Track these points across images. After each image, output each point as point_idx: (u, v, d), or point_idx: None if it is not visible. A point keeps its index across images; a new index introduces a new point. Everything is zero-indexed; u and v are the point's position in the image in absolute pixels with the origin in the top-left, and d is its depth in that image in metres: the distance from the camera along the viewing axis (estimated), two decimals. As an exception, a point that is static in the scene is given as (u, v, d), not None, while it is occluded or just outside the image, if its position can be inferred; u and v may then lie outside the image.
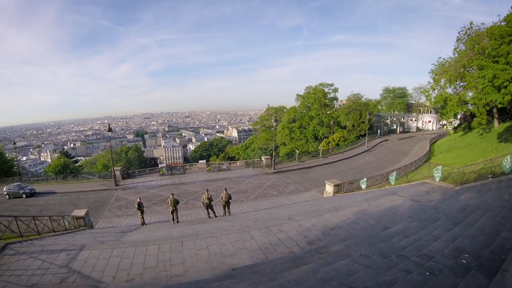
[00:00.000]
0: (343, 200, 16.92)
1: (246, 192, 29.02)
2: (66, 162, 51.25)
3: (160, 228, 16.67)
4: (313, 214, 12.41)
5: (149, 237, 13.08)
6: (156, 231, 14.90)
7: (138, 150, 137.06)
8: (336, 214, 12.22)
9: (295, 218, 11.85)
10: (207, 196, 19.44)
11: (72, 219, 17.32)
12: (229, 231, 11.18)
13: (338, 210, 12.65)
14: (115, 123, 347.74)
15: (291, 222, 11.47)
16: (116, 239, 13.02)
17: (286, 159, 47.15)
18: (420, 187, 17.39)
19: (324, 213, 12.48)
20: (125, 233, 15.04)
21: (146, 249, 9.95)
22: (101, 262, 8.99)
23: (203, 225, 14.96)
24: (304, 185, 30.92)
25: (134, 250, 9.93)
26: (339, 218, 11.74)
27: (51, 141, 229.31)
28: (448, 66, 40.52)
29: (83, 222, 17.54)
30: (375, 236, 9.45)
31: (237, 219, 14.91)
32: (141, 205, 20.09)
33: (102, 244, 11.40)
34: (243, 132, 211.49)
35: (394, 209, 12.90)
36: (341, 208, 13.01)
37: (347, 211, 12.56)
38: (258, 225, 11.43)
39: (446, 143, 48.76)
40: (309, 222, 11.35)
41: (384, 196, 15.34)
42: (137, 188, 33.11)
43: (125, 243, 11.60)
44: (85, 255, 9.59)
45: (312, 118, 73.75)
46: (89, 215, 18.95)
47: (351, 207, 13.25)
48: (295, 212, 14.03)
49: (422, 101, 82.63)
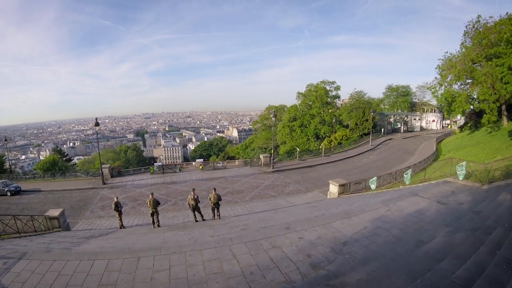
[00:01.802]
0: (352, 203, 14.08)
1: (241, 193, 26.28)
2: (55, 160, 48.80)
3: (133, 234, 13.98)
4: (318, 222, 9.58)
5: (105, 248, 10.37)
6: (122, 239, 12.20)
7: (137, 150, 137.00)
8: (348, 221, 9.42)
9: (294, 228, 9.00)
10: (192, 197, 16.80)
11: (45, 220, 15.50)
12: (205, 244, 8.41)
13: (350, 217, 9.83)
14: (116, 123, 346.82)
15: (289, 233, 8.64)
16: (68, 247, 10.35)
17: (286, 158, 44.41)
18: (442, 187, 14.71)
19: (332, 220, 9.66)
20: (88, 239, 12.42)
21: (92, 264, 7.49)
22: (34, 278, 6.96)
23: (179, 232, 12.15)
24: (305, 185, 28.17)
25: (77, 264, 7.53)
26: (353, 227, 8.96)
27: (51, 140, 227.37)
28: (455, 61, 39.37)
29: (57, 223, 15.87)
30: (409, 256, 6.80)
31: (222, 226, 12.09)
32: (118, 205, 17.77)
33: (45, 254, 8.97)
34: (243, 132, 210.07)
35: (421, 215, 10.21)
36: (354, 214, 10.21)
37: (362, 218, 9.77)
38: (246, 237, 8.63)
39: (453, 142, 47.10)
40: (313, 233, 8.57)
41: (404, 197, 12.58)
42: (125, 187, 30.84)
43: (72, 254, 9.03)
44: (21, 266, 7.60)
45: (314, 117, 71.24)
46: (64, 215, 17.03)
47: (366, 212, 10.45)
48: (295, 219, 11.21)
49: (426, 100, 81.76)
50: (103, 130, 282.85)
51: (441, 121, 79.94)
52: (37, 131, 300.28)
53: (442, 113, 77.41)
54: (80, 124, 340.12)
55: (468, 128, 51.42)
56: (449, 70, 39.70)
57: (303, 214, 13.67)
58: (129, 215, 21.57)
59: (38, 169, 48.57)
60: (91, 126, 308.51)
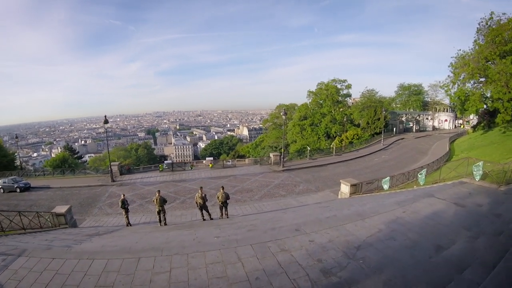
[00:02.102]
0: (365, 204, 13.45)
1: (250, 192, 25.84)
2: (65, 157, 49.32)
3: (137, 232, 13.64)
4: (329, 223, 9.04)
5: (107, 246, 10.04)
6: (126, 237, 11.88)
7: (147, 148, 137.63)
8: (362, 224, 8.85)
9: (304, 230, 8.46)
10: (200, 195, 16.43)
11: (51, 216, 15.37)
12: (209, 245, 7.98)
13: (364, 218, 9.25)
14: (127, 121, 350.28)
15: (298, 235, 8.11)
16: (69, 245, 10.03)
17: (297, 157, 43.74)
18: (459, 188, 13.99)
19: (345, 222, 9.10)
20: (91, 237, 12.15)
21: (90, 264, 7.17)
22: (30, 276, 6.71)
23: (184, 232, 11.76)
24: (316, 185, 27.56)
25: (75, 263, 7.23)
26: (367, 230, 8.39)
27: (63, 138, 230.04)
28: (468, 59, 38.50)
29: (64, 220, 15.73)
30: (428, 262, 6.23)
31: (229, 226, 11.64)
32: (125, 203, 17.54)
33: (45, 251, 8.70)
34: (253, 131, 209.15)
35: (438, 217, 9.57)
36: (367, 215, 9.62)
37: (376, 220, 9.19)
38: (252, 239, 8.17)
39: (466, 142, 46.03)
40: (324, 235, 8.03)
41: (419, 199, 11.91)
42: (133, 185, 30.74)
43: (72, 252, 8.73)
44: (19, 263, 7.39)
45: (324, 115, 70.34)
46: (71, 212, 16.88)
47: (380, 213, 9.84)
48: (305, 219, 10.68)
49: (438, 99, 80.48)
50: (114, 129, 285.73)
51: (453, 120, 78.52)
52: (49, 129, 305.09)
53: (454, 113, 76.38)
54: (91, 122, 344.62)
55: (481, 127, 50.50)
56: (462, 68, 38.87)
57: (313, 214, 13.10)
58: (136, 213, 21.37)
59: (48, 166, 49.04)
60: (102, 125, 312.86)
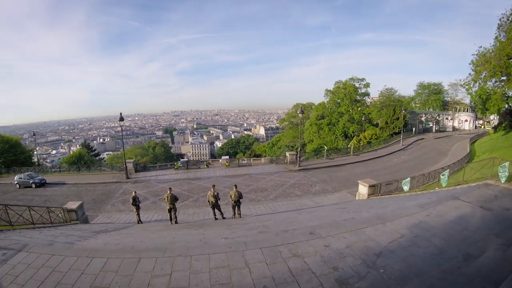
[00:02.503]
0: (385, 206, 12.56)
1: (265, 191, 25.21)
2: (81, 154, 50.04)
3: (145, 230, 13.26)
4: (347, 227, 8.25)
5: (109, 244, 9.63)
6: (132, 235, 11.51)
7: (164, 146, 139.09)
8: (382, 228, 8.04)
9: (319, 233, 7.72)
10: (212, 194, 15.97)
11: (62, 212, 15.48)
12: (216, 247, 7.41)
13: (385, 222, 8.43)
14: (145, 120, 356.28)
15: (313, 239, 7.38)
16: (72, 242, 9.77)
17: (313, 156, 42.75)
18: (484, 190, 12.91)
19: (363, 225, 8.30)
20: (97, 234, 11.95)
21: (89, 262, 6.84)
22: (27, 272, 6.55)
23: (192, 231, 11.24)
24: (333, 185, 26.62)
25: (74, 261, 6.94)
26: (388, 235, 7.60)
27: (82, 136, 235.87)
28: (490, 56, 36.62)
29: (75, 216, 15.74)
30: (457, 274, 5.51)
31: (240, 227, 11.02)
32: (136, 200, 17.36)
33: (46, 247, 8.43)
34: (270, 130, 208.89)
35: (464, 222, 8.70)
36: (388, 219, 8.79)
37: (398, 224, 8.36)
38: (263, 241, 7.51)
39: (487, 143, 43.94)
40: (341, 240, 7.30)
41: (443, 201, 10.97)
42: (148, 182, 30.73)
43: (73, 249, 8.39)
44: (18, 258, 7.25)
45: (342, 115, 68.94)
46: (83, 208, 16.92)
47: (402, 217, 8.99)
48: (321, 222, 9.92)
49: (458, 98, 78.20)
50: (132, 127, 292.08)
51: (474, 121, 75.74)
52: (68, 127, 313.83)
53: (475, 113, 74.04)
54: (110, 121, 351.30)
55: (502, 128, 48.33)
56: (483, 65, 37.13)
57: (330, 216, 12.28)
58: (149, 210, 21.21)
59: (64, 163, 49.86)
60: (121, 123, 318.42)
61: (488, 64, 36.04)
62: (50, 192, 28.10)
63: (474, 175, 16.83)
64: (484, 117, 72.47)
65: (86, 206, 22.32)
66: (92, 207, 22.70)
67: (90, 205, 23.04)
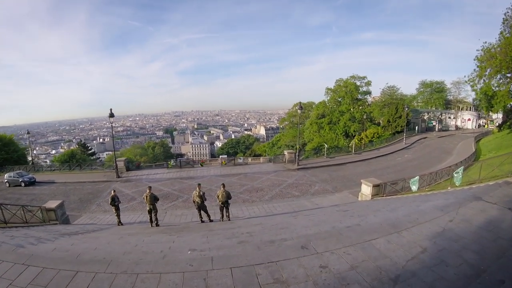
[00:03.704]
0: (394, 208, 10.70)
1: (260, 191, 23.47)
2: (73, 152, 48.60)
3: (114, 234, 11.54)
4: (351, 237, 6.39)
5: (58, 250, 7.73)
6: (95, 240, 9.81)
7: (164, 146, 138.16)
8: (397, 239, 6.22)
9: (314, 246, 5.78)
10: (198, 193, 14.28)
11: (41, 211, 14.61)
12: (173, 264, 5.61)
13: (399, 231, 6.59)
14: (146, 120, 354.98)
15: (305, 255, 5.49)
16: (22, 245, 7.91)
17: (313, 155, 41.01)
18: (506, 189, 11.15)
19: (372, 235, 6.44)
20: (62, 236, 10.26)
21: (22, 271, 5.77)
22: None
23: (162, 238, 9.34)
24: (333, 185, 24.87)
25: (7, 268, 5.91)
26: (405, 249, 5.78)
27: (83, 136, 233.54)
28: (495, 51, 35.79)
29: (54, 216, 14.77)
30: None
31: (222, 233, 9.11)
32: (115, 199, 15.85)
33: None
34: (271, 130, 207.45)
35: (495, 228, 6.93)
36: (403, 226, 6.96)
37: (416, 233, 6.55)
38: (238, 257, 5.69)
39: (492, 142, 42.92)
40: (343, 258, 5.46)
41: (465, 202, 9.18)
42: (138, 181, 29.25)
43: (16, 254, 6.92)
44: None
45: (343, 113, 67.17)
46: (63, 207, 15.80)
47: (420, 223, 7.17)
48: (318, 229, 7.92)
49: (461, 97, 77.25)
50: (133, 127, 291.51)
51: (477, 120, 74.53)
52: (69, 127, 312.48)
53: (477, 112, 73.40)
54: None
55: (507, 127, 47.71)
56: (488, 61, 36.19)
57: (329, 221, 10.35)
58: (135, 211, 19.73)
59: (56, 162, 48.66)
60: (121, 123, 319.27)
61: (494, 59, 35.13)
62: (39, 191, 27.09)
63: (491, 172, 15.14)
64: (487, 116, 71.35)
65: (72, 205, 21.18)
66: (78, 206, 21.57)
67: (75, 204, 22.02)
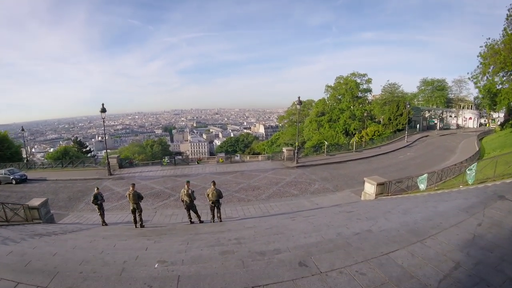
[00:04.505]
0: (407, 210, 9.33)
1: (257, 189, 22.20)
2: (66, 149, 47.36)
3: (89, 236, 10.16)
4: (363, 249, 4.88)
5: (14, 254, 6.50)
6: (64, 243, 8.53)
7: (162, 144, 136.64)
8: (421, 250, 4.82)
9: (316, 263, 4.25)
10: (186, 192, 13.05)
11: (24, 210, 14.02)
12: (128, 283, 4.37)
13: (422, 239, 5.15)
14: (145, 119, 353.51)
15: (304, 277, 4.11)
16: None
17: (313, 152, 39.78)
18: None
19: (390, 246, 4.98)
20: (33, 237, 9.33)
21: None
22: None
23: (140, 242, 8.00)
24: (334, 183, 23.64)
25: None
26: (434, 264, 4.37)
27: (81, 134, 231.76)
28: (499, 47, 35.12)
29: (37, 214, 14.11)
30: None
31: (206, 238, 7.78)
32: (98, 198, 14.66)
33: None
34: (270, 129, 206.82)
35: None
36: (425, 233, 5.57)
37: (443, 241, 5.19)
38: (211, 278, 4.36)
39: (495, 140, 42.11)
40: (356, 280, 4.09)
41: (489, 203, 7.91)
42: (131, 179, 27.86)
43: None
44: None
45: (343, 111, 66.12)
46: (47, 206, 15.16)
47: (445, 228, 5.79)
48: (320, 238, 6.34)
49: (462, 95, 76.61)
50: (132, 125, 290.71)
51: (477, 118, 73.92)
52: (68, 125, 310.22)
53: (479, 111, 72.79)
54: (110, 119, 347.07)
55: (510, 125, 47.29)
56: (492, 57, 35.36)
57: (333, 225, 8.82)
58: (124, 210, 18.61)
59: (49, 159, 47.48)
60: (120, 122, 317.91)
61: (498, 55, 34.26)
62: (29, 189, 26.08)
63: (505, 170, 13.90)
64: (488, 115, 71.29)
65: (60, 204, 20.58)
66: (66, 205, 20.59)
67: (64, 203, 21.09)
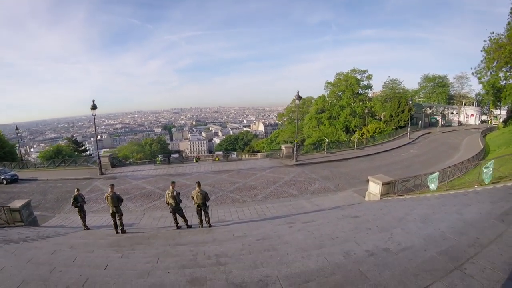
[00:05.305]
0: (427, 216, 7.80)
1: (253, 189, 20.88)
2: (59, 148, 46.19)
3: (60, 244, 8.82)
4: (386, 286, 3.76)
5: None
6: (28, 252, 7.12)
7: (161, 142, 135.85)
8: (464, 283, 3.56)
9: None
10: (171, 194, 11.76)
11: (4, 212, 13.25)
12: None
13: (461, 264, 3.67)
14: (144, 117, 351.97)
15: None
16: None
17: (312, 150, 38.40)
18: None
19: (422, 278, 3.68)
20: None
21: None
22: None
23: (106, 258, 6.81)
24: (335, 182, 22.28)
25: None
26: None
27: (81, 133, 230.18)
28: (503, 42, 34.69)
29: (19, 216, 13.42)
30: None
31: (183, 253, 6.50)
32: (78, 200, 13.57)
33: None
34: (269, 127, 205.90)
35: None
36: (462, 254, 4.24)
37: (487, 267, 3.79)
38: None
39: (499, 137, 40.86)
40: None
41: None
42: (122, 178, 26.81)
43: None
44: None
45: (343, 108, 64.67)
46: (30, 208, 14.41)
47: (485, 246, 4.39)
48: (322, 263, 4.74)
49: (464, 92, 74.95)
50: (131, 124, 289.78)
51: (479, 115, 72.59)
52: (67, 125, 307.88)
53: (480, 107, 71.67)
54: (110, 118, 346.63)
55: None
56: (496, 52, 34.85)
57: (338, 238, 6.86)
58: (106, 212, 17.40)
59: (41, 158, 46.40)
60: (120, 121, 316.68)
61: (503, 49, 33.70)
62: (19, 189, 25.21)
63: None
64: (490, 112, 70.50)
65: (47, 205, 19.80)
66: (53, 206, 19.60)
67: (51, 204, 20.06)
